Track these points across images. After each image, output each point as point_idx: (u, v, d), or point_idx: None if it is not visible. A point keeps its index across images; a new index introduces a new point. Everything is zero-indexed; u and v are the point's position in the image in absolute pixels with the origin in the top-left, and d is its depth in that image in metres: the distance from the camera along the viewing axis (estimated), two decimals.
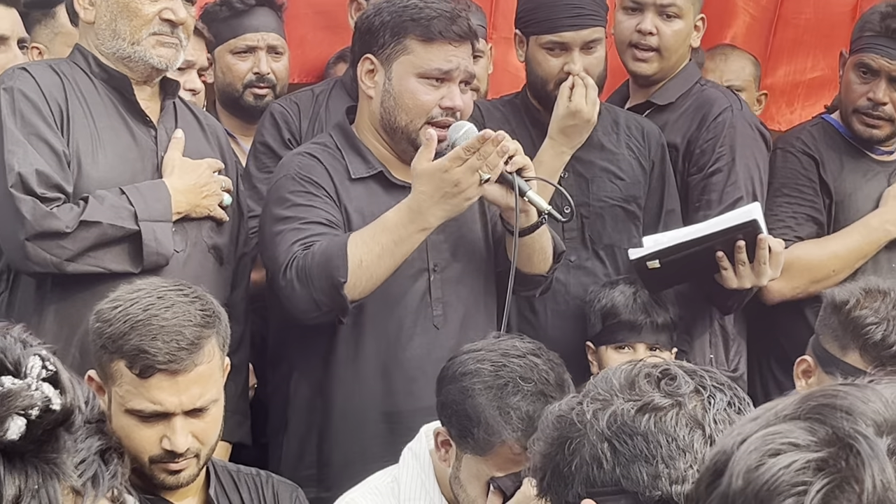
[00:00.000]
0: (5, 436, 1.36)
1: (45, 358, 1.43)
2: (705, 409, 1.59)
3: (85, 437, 1.46)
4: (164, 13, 3.42)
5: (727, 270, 3.79)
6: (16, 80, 3.34)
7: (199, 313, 2.76)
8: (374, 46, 3.53)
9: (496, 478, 2.85)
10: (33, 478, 1.37)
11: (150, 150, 3.48)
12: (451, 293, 3.57)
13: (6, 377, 1.40)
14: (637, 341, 3.86)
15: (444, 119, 3.50)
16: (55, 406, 1.40)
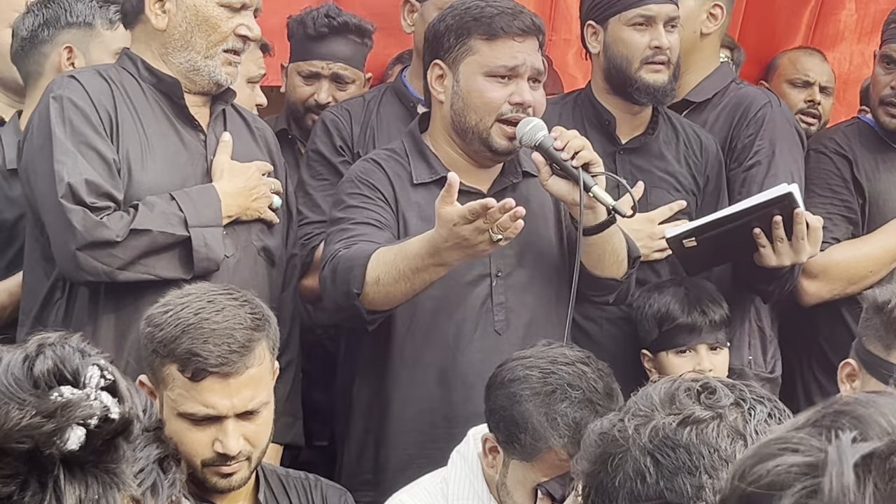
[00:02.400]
0: (65, 446, 1.39)
1: (104, 367, 1.47)
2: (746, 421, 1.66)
3: (143, 446, 1.49)
4: (239, 29, 3.51)
5: (766, 248, 3.82)
6: (64, 88, 3.42)
7: (249, 316, 2.86)
8: (440, 52, 3.62)
9: (543, 482, 2.94)
10: (93, 488, 1.40)
11: (199, 155, 3.56)
12: (515, 299, 3.63)
13: (65, 387, 1.43)
14: (698, 343, 3.88)
15: (514, 116, 3.56)
16: (114, 415, 1.43)
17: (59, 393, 1.42)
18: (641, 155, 4.05)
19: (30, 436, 1.38)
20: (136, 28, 3.58)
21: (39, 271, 3.52)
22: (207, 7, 3.50)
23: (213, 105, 3.62)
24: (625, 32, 3.96)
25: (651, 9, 3.93)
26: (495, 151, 3.59)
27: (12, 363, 1.45)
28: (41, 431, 1.38)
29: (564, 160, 3.49)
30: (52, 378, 1.43)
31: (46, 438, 1.38)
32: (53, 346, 1.48)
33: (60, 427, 1.38)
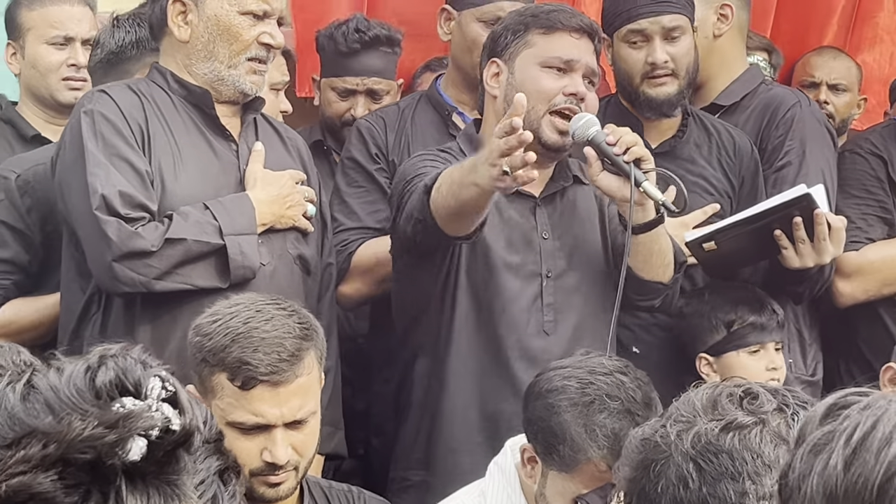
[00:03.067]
0: (127, 456, 1.39)
1: (165, 379, 1.47)
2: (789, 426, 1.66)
3: (204, 458, 1.50)
4: (262, 37, 3.52)
5: (787, 249, 3.83)
6: (95, 102, 3.45)
7: (297, 326, 2.89)
8: (497, 50, 3.66)
9: (583, 495, 2.93)
10: (154, 499, 1.41)
11: (231, 165, 3.59)
12: (563, 300, 3.66)
13: (127, 398, 1.43)
14: (769, 340, 3.90)
15: (566, 106, 3.57)
16: (175, 426, 1.43)
17: (120, 404, 1.43)
18: (671, 159, 4.05)
19: (92, 446, 1.38)
20: (162, 41, 3.61)
21: (76, 287, 3.55)
22: (229, 16, 3.51)
23: (243, 114, 3.64)
24: (623, 49, 4.01)
25: (641, 24, 3.96)
26: (545, 145, 3.57)
27: (74, 374, 1.45)
28: (103, 442, 1.38)
29: (616, 155, 3.50)
30: (115, 389, 1.44)
31: (109, 449, 1.39)
32: (115, 357, 1.48)
33: (122, 438, 1.39)
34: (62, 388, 1.44)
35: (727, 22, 4.25)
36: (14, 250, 3.74)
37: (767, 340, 3.89)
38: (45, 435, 1.39)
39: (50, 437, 1.38)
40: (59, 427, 1.39)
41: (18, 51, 4.15)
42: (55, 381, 1.45)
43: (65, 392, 1.43)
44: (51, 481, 1.37)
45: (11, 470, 1.37)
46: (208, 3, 3.51)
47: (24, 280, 3.76)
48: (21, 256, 3.75)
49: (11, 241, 3.74)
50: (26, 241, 3.75)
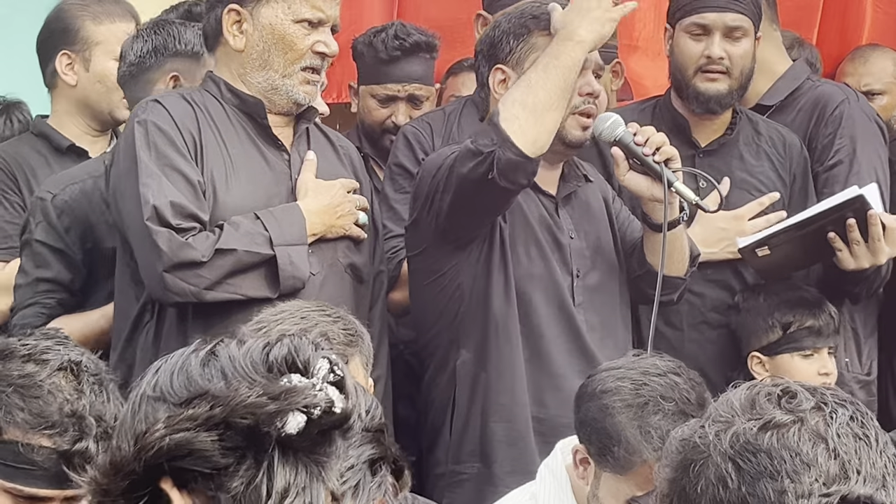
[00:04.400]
0: (284, 429, 1.48)
1: (334, 363, 1.55)
2: (828, 424, 1.67)
3: (358, 445, 1.54)
4: (317, 46, 3.56)
5: (842, 251, 3.85)
6: (149, 112, 3.50)
7: (342, 332, 2.92)
8: (501, 56, 3.70)
9: (637, 497, 2.95)
10: (301, 475, 1.49)
11: (283, 174, 3.63)
12: (589, 300, 3.73)
13: (295, 375, 1.52)
14: (822, 346, 3.93)
15: (586, 107, 3.65)
16: (337, 409, 1.51)
17: (288, 379, 1.52)
18: (721, 157, 4.10)
19: (252, 413, 1.48)
20: (217, 50, 3.65)
21: (130, 294, 3.61)
22: (284, 25, 3.55)
23: (296, 124, 3.68)
24: (682, 39, 4.04)
25: (706, 17, 3.99)
26: (568, 144, 3.67)
27: (253, 348, 1.56)
28: (264, 411, 1.48)
29: (646, 155, 3.56)
30: (284, 364, 1.53)
31: (267, 418, 1.48)
32: (292, 336, 1.58)
33: (282, 410, 1.48)
34: (239, 358, 1.55)
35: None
36: (56, 269, 3.80)
37: (822, 345, 3.92)
38: (214, 398, 1.50)
39: (217, 401, 1.49)
40: (227, 392, 1.50)
41: (80, 63, 4.19)
42: (234, 351, 1.56)
43: (240, 362, 1.54)
44: (211, 441, 1.48)
45: (178, 426, 1.48)
46: (263, 12, 3.56)
47: (69, 298, 3.82)
48: (63, 275, 3.81)
49: (53, 261, 3.80)
50: (67, 260, 3.81)
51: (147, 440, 1.48)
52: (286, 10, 3.56)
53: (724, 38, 3.98)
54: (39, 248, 3.80)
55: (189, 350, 1.58)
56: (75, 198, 3.83)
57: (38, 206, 3.83)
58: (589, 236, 3.77)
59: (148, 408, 1.54)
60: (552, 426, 3.43)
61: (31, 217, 3.84)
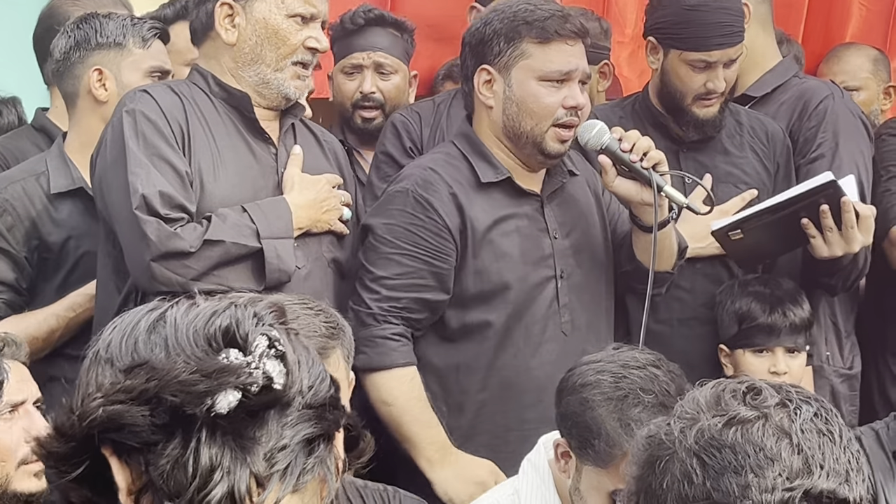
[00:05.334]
0: (214, 408, 1.46)
1: (274, 339, 1.51)
2: (791, 420, 1.71)
3: (295, 423, 1.52)
4: (308, 41, 3.60)
5: (815, 238, 3.88)
6: (137, 102, 3.53)
7: (323, 325, 2.92)
8: (489, 56, 3.71)
9: (618, 490, 2.98)
10: (226, 457, 1.47)
11: (270, 168, 3.66)
12: (576, 299, 3.76)
13: (234, 350, 1.50)
14: (776, 345, 3.96)
15: (569, 119, 3.67)
16: (277, 385, 1.49)
17: (226, 354, 1.49)
18: (705, 152, 4.14)
19: (182, 391, 1.46)
20: (204, 44, 3.69)
21: (111, 286, 3.63)
22: (277, 20, 3.59)
23: (282, 119, 3.72)
24: (682, 69, 4.04)
25: (713, 55, 4.00)
26: (548, 155, 3.71)
27: (200, 316, 1.53)
28: (193, 389, 1.46)
29: (633, 161, 3.59)
30: (223, 339, 1.51)
31: (195, 397, 1.46)
32: (237, 307, 1.55)
33: (211, 389, 1.46)
34: (182, 326, 1.52)
35: (746, 19, 4.29)
36: (0, 270, 3.82)
37: (773, 344, 3.95)
38: (151, 370, 1.48)
39: (154, 374, 1.48)
40: (164, 365, 1.48)
41: None
42: (181, 318, 1.53)
43: (183, 332, 1.52)
44: (142, 416, 1.47)
45: (114, 397, 1.47)
46: (256, 6, 3.60)
47: (15, 298, 3.84)
48: (7, 275, 3.83)
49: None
50: (12, 259, 3.83)
51: (86, 408, 1.48)
52: (279, 4, 3.59)
53: (725, 67, 4.02)
54: None
55: (144, 310, 1.57)
56: (17, 196, 3.86)
57: None
58: (574, 233, 3.79)
59: (98, 369, 1.54)
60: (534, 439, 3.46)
61: None
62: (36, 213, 3.85)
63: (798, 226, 3.88)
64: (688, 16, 4.00)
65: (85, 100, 3.91)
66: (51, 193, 3.88)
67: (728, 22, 3.99)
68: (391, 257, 3.66)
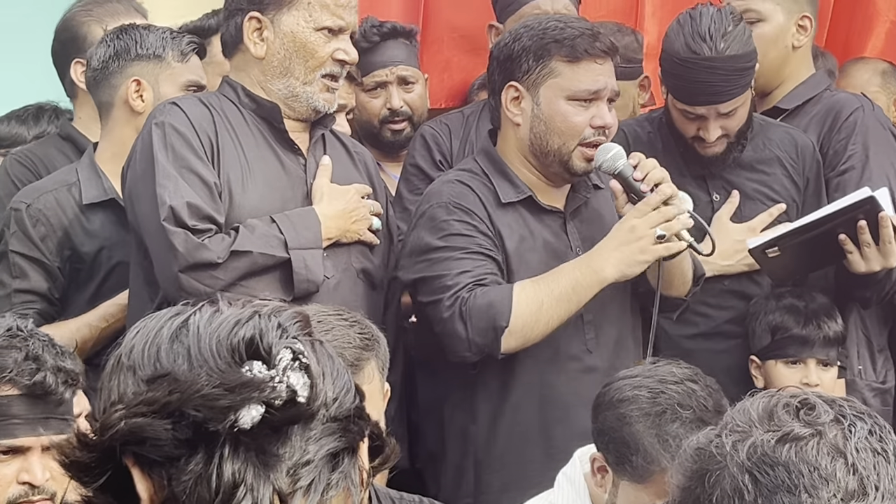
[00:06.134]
0: (237, 423, 1.45)
1: (298, 352, 1.49)
2: (846, 438, 1.68)
3: (319, 437, 1.50)
4: (336, 54, 3.61)
5: (853, 254, 3.87)
6: (166, 114, 3.55)
7: (358, 336, 2.94)
8: (517, 73, 3.70)
9: None
10: (249, 472, 1.46)
11: (299, 179, 3.66)
12: (601, 315, 3.73)
13: (257, 363, 1.48)
14: (809, 356, 3.94)
15: (596, 139, 3.66)
16: (301, 398, 1.47)
17: (249, 367, 1.48)
18: (732, 170, 4.11)
19: (205, 406, 1.45)
20: (235, 57, 3.70)
21: (144, 296, 3.63)
22: (305, 33, 3.59)
23: (312, 129, 3.71)
24: (675, 113, 4.05)
25: (697, 110, 3.96)
26: (574, 173, 3.71)
27: (223, 324, 1.51)
28: (215, 405, 1.45)
29: (643, 192, 3.60)
30: (246, 351, 1.49)
31: (217, 414, 1.45)
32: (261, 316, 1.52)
33: (235, 405, 1.45)
34: (205, 336, 1.50)
35: (806, 34, 4.29)
36: (33, 279, 3.84)
37: (806, 355, 3.93)
38: (175, 382, 1.46)
39: (176, 386, 1.46)
40: (187, 377, 1.47)
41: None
42: (205, 327, 1.51)
43: (206, 342, 1.50)
44: (164, 429, 1.45)
45: (137, 409, 1.45)
46: (284, 19, 3.60)
47: (47, 308, 3.85)
48: (40, 285, 3.85)
49: (30, 271, 3.84)
50: (44, 269, 3.85)
51: (108, 419, 1.47)
52: (307, 17, 3.60)
53: (718, 118, 3.96)
54: (15, 258, 3.84)
55: (167, 316, 1.55)
56: (49, 206, 3.87)
57: (12, 216, 3.87)
58: None
59: (120, 376, 1.52)
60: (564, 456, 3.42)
61: (6, 228, 3.87)
62: (68, 224, 3.87)
63: (835, 241, 3.87)
64: (677, 68, 3.96)
65: (120, 109, 3.92)
66: (83, 204, 3.89)
67: (715, 82, 3.90)
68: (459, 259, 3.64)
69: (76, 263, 3.87)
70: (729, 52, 3.89)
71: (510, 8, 4.24)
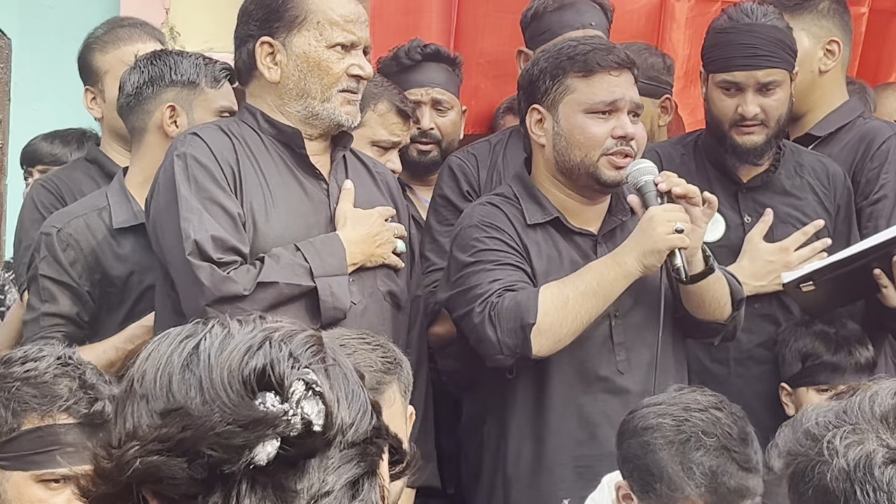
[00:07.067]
0: (253, 459, 1.44)
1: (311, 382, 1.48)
2: None
3: (338, 466, 1.49)
4: (351, 69, 3.62)
5: (887, 288, 3.88)
6: (188, 146, 3.56)
7: (380, 360, 2.96)
8: (537, 95, 3.74)
9: None
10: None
11: (322, 204, 3.68)
12: (634, 338, 3.74)
13: (269, 395, 1.47)
14: (840, 383, 3.90)
15: (619, 149, 3.67)
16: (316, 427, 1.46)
17: (262, 401, 1.46)
18: (764, 193, 4.13)
19: (220, 444, 1.44)
20: (250, 83, 3.71)
21: (172, 325, 3.64)
22: (318, 52, 3.61)
23: (332, 152, 3.73)
24: (715, 93, 4.08)
25: (736, 76, 4.02)
26: (604, 184, 3.71)
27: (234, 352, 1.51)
28: (230, 443, 1.44)
29: None
30: (258, 383, 1.48)
31: (233, 453, 1.44)
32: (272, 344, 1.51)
33: (250, 443, 1.44)
34: (216, 366, 1.49)
35: (834, 58, 4.30)
36: (62, 303, 3.87)
37: (838, 382, 3.90)
38: (188, 417, 1.46)
39: (190, 421, 1.45)
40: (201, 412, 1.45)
41: (98, 95, 4.27)
42: (215, 353, 1.50)
43: (217, 373, 1.49)
44: (180, 468, 1.45)
45: (150, 447, 1.45)
46: (296, 41, 3.61)
47: (76, 331, 3.87)
48: (69, 308, 3.88)
49: (59, 295, 3.87)
50: (73, 293, 3.88)
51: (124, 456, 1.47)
52: (318, 36, 3.61)
53: (757, 93, 4.01)
54: (45, 282, 3.87)
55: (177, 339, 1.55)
56: (80, 231, 3.90)
57: (42, 241, 3.90)
58: None
59: (134, 405, 1.52)
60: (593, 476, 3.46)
61: (37, 252, 3.90)
62: (98, 248, 3.90)
63: (869, 276, 3.88)
64: (717, 38, 4.07)
65: (154, 135, 3.94)
66: (113, 228, 3.92)
67: (754, 44, 3.99)
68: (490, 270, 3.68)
69: (107, 287, 3.90)
70: (769, 22, 4.00)
71: (543, 36, 4.25)
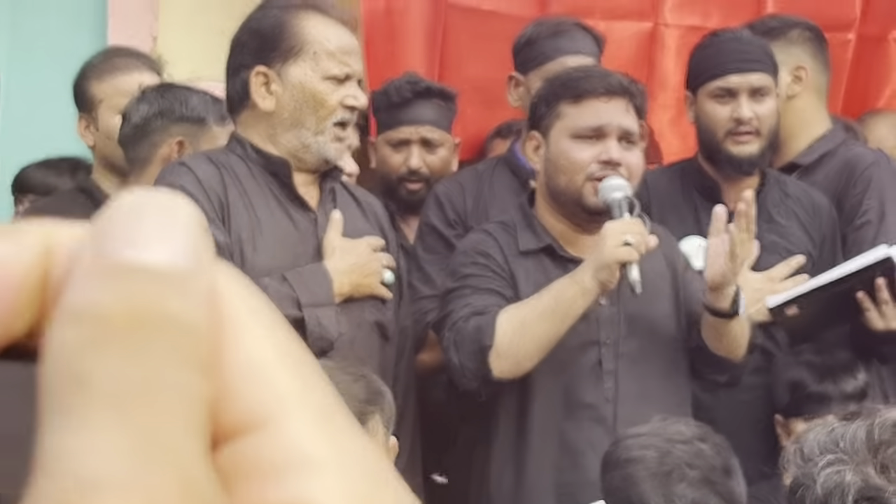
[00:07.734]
0: None
1: None
2: None
3: None
4: (346, 100, 3.62)
5: (870, 311, 3.91)
6: (175, 176, 3.57)
7: (362, 391, 2.98)
8: (534, 123, 3.79)
9: None
10: None
11: (310, 234, 3.69)
12: (625, 368, 3.74)
13: None
14: (827, 413, 3.93)
15: (601, 174, 3.68)
16: None
17: None
18: None
19: None
20: (241, 114, 3.72)
21: None
22: (313, 82, 3.62)
23: (321, 182, 3.75)
24: (708, 104, 4.12)
25: (730, 81, 4.07)
26: (588, 210, 3.71)
27: None
28: None
29: None
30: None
31: None
32: None
33: None
34: None
35: (801, 83, 4.34)
36: None
37: (825, 412, 3.89)
38: None
39: None
40: None
41: (91, 123, 4.29)
42: None
43: None
44: None
45: None
46: (291, 71, 3.62)
47: None
48: None
49: None
50: None
51: None
52: (314, 67, 3.62)
53: (750, 99, 4.08)
54: None
55: None
56: None
57: None
58: (631, 302, 3.73)
59: None
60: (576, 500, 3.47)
61: None
62: None
63: (853, 300, 3.91)
64: (704, 52, 4.16)
65: (157, 167, 3.94)
66: None
67: (744, 50, 4.08)
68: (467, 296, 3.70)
69: None
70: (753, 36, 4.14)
71: (534, 62, 4.29)
